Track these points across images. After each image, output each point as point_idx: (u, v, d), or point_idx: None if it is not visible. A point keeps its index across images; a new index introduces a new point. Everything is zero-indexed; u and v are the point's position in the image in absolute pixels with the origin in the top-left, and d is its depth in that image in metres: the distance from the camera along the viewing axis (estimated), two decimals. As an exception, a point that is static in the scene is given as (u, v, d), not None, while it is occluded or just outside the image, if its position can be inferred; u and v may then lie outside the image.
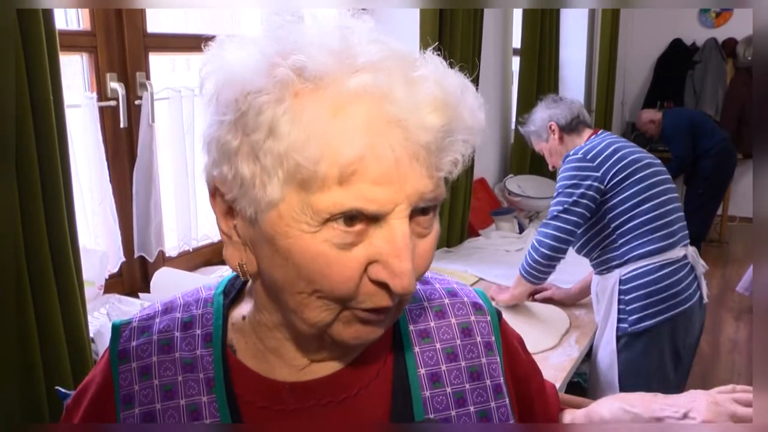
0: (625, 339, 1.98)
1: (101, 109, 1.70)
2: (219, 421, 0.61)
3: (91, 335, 1.47)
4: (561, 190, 1.97)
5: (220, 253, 0.98)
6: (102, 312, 1.65)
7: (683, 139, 4.80)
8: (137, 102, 1.77)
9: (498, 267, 2.56)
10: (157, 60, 1.88)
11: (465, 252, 2.85)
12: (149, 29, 1.80)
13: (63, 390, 1.21)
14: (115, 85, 1.70)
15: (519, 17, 3.73)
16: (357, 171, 0.49)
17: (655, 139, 5.23)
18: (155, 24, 1.86)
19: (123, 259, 1.81)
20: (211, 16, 2.34)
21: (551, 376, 1.72)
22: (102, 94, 1.70)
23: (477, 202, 3.20)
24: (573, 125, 2.15)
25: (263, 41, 0.54)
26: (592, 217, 1.98)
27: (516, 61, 3.82)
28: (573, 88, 4.78)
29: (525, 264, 2.01)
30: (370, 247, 0.52)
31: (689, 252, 2.00)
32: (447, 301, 0.71)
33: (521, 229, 3.18)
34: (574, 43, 4.82)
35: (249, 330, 0.65)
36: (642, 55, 6.29)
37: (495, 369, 0.69)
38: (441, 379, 0.66)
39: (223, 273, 1.98)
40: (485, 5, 2.88)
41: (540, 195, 3.39)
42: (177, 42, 1.95)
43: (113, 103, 1.71)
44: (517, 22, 3.75)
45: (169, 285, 1.81)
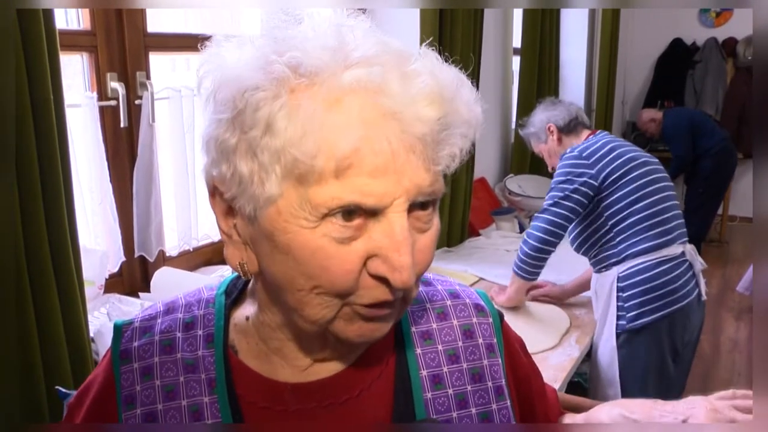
0: (624, 336, 1.98)
1: (101, 109, 1.70)
2: (220, 422, 0.61)
3: (91, 335, 1.46)
4: (554, 185, 1.99)
5: (220, 253, 0.98)
6: (102, 312, 1.65)
7: (683, 139, 4.80)
8: (137, 102, 1.77)
9: (498, 267, 2.56)
10: (158, 60, 1.88)
11: (465, 252, 2.85)
12: (149, 29, 1.80)
13: (63, 390, 1.21)
14: (116, 85, 1.70)
15: (519, 17, 3.73)
16: (353, 164, 0.49)
17: (656, 139, 5.24)
18: (155, 24, 1.85)
19: (123, 259, 1.81)
20: (211, 16, 2.34)
21: (551, 376, 1.72)
22: (102, 93, 1.70)
23: (477, 201, 3.20)
24: (571, 126, 2.17)
25: (260, 41, 0.54)
26: (585, 214, 2.00)
27: (516, 61, 3.82)
28: (573, 87, 4.78)
29: (516, 259, 2.03)
30: (369, 242, 0.52)
31: (687, 249, 2.00)
32: (449, 303, 0.71)
33: (521, 229, 3.18)
34: (574, 43, 4.81)
35: (252, 331, 0.65)
36: (642, 55, 6.29)
37: (497, 371, 0.69)
38: (443, 381, 0.66)
39: (224, 272, 1.98)
40: (485, 5, 2.88)
41: (540, 195, 3.39)
42: (177, 42, 1.95)
43: (113, 103, 1.71)
44: (518, 22, 3.75)
45: (170, 285, 1.81)
